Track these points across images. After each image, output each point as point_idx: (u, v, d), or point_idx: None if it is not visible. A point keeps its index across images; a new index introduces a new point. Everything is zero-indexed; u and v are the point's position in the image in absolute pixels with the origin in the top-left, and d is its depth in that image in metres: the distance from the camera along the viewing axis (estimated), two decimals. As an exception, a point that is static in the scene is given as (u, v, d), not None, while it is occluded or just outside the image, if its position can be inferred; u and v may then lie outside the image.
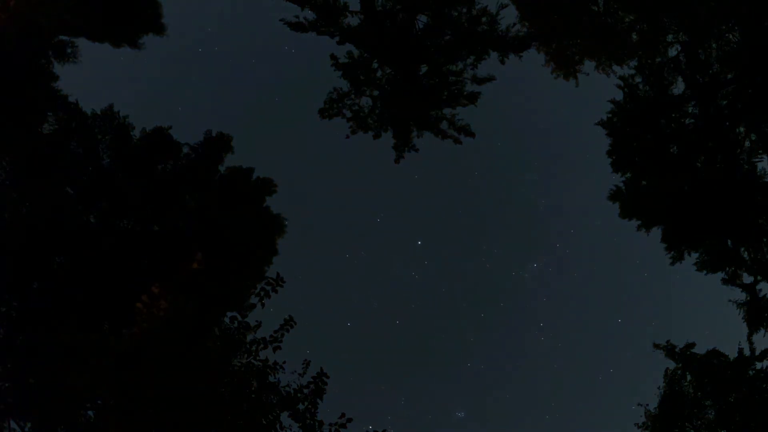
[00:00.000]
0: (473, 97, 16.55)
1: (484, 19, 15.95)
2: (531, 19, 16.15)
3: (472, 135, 16.80)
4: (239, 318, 10.60)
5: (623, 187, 16.40)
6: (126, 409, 9.55)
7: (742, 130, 15.42)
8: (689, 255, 16.36)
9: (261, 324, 10.70)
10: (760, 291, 15.64)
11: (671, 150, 15.71)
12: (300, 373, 10.71)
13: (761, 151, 15.31)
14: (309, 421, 10.47)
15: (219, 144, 16.90)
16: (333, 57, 16.17)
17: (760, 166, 15.36)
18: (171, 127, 16.58)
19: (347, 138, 16.81)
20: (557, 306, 30.37)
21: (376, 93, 16.76)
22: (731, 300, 15.84)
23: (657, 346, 15.90)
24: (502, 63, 16.27)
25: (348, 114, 16.70)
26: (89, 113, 16.00)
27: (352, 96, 16.65)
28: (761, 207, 15.26)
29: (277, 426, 10.40)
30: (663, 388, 15.54)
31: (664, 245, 16.50)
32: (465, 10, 15.89)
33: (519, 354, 30.10)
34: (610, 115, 16.08)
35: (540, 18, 16.00)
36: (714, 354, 15.45)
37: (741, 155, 15.45)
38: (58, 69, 16.42)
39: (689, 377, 15.45)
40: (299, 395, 10.53)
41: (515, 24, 16.09)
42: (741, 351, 15.19)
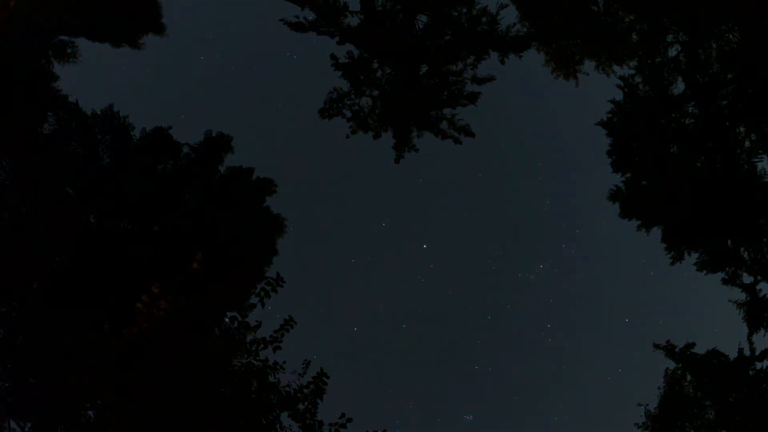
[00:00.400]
0: (473, 97, 16.56)
1: (484, 19, 15.95)
2: (531, 19, 16.16)
3: (472, 135, 16.81)
4: (239, 318, 10.61)
5: (623, 187, 16.40)
6: (126, 409, 9.55)
7: (742, 130, 15.42)
8: (689, 255, 16.36)
9: (261, 324, 10.71)
10: (760, 291, 15.64)
11: (671, 150, 15.70)
12: (300, 373, 10.72)
13: (761, 151, 15.30)
14: (309, 421, 10.48)
15: (219, 144, 16.91)
16: (333, 57, 16.18)
17: (760, 166, 15.36)
18: (171, 127, 16.60)
19: (347, 138, 16.85)
20: (564, 307, 30.36)
21: (376, 93, 16.77)
22: (731, 300, 15.86)
23: (657, 346, 15.90)
24: (502, 63, 16.28)
25: (348, 114, 16.71)
26: (89, 113, 16.00)
27: (352, 96, 16.66)
28: (761, 207, 15.26)
29: (277, 426, 10.41)
30: (663, 388, 15.54)
31: (664, 245, 16.51)
32: (465, 10, 15.90)
33: (526, 356, 30.10)
34: (610, 115, 16.08)
35: (540, 18, 16.01)
36: (714, 354, 15.44)
37: (741, 155, 15.44)
38: (58, 69, 16.45)
39: (689, 377, 15.45)
40: (299, 395, 10.53)
41: (515, 24, 16.11)
42: (741, 351, 15.18)
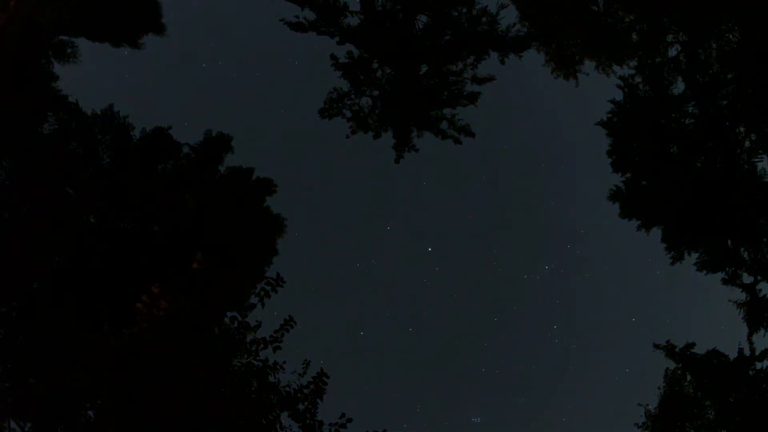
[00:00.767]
0: (473, 97, 16.57)
1: (484, 19, 15.96)
2: (531, 19, 16.16)
3: (472, 135, 16.82)
4: (239, 318, 10.60)
5: (623, 187, 16.40)
6: (126, 409, 9.55)
7: (742, 130, 15.42)
8: (689, 255, 16.36)
9: (261, 324, 10.71)
10: (760, 291, 15.64)
11: (671, 150, 15.70)
12: (300, 373, 10.71)
13: (761, 151, 15.31)
14: (309, 421, 10.48)
15: (219, 144, 16.90)
16: (333, 57, 16.20)
17: (760, 166, 15.36)
18: (171, 127, 16.58)
19: (347, 138, 16.86)
20: (570, 307, 30.25)
21: (376, 93, 16.79)
22: (731, 300, 15.86)
23: (657, 346, 15.90)
24: (502, 63, 16.30)
25: (348, 114, 16.73)
26: (89, 113, 15.99)
27: (352, 96, 16.67)
28: (761, 207, 15.26)
29: (277, 426, 10.40)
30: (663, 388, 15.53)
31: (664, 245, 16.51)
32: (465, 10, 15.91)
33: (533, 357, 29.98)
34: (610, 115, 16.08)
35: (540, 18, 16.01)
36: (714, 354, 15.44)
37: (741, 155, 15.44)
38: (58, 69, 16.44)
39: (689, 377, 15.45)
40: (299, 395, 10.53)
41: (515, 24, 16.13)
42: (741, 351, 15.18)
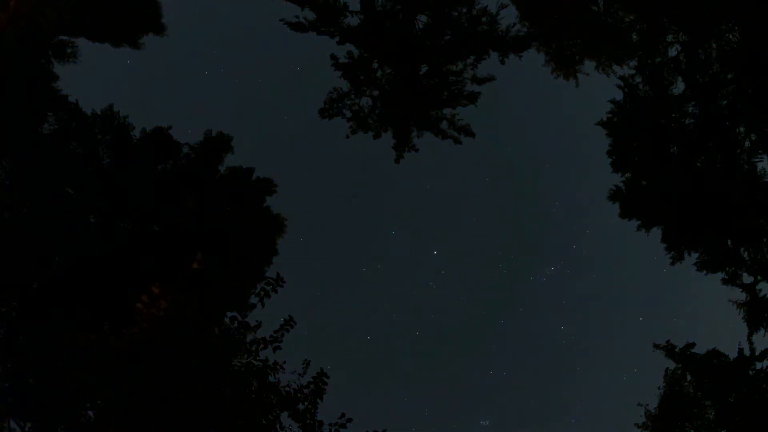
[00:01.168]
0: (473, 97, 16.57)
1: (484, 19, 15.96)
2: (531, 19, 16.16)
3: (472, 135, 16.82)
4: (239, 318, 10.59)
5: (623, 187, 16.40)
6: (126, 409, 9.55)
7: (742, 130, 15.42)
8: (689, 255, 16.36)
9: (261, 324, 10.70)
10: (760, 291, 15.64)
11: (671, 150, 15.71)
12: (300, 373, 10.71)
13: (761, 151, 15.30)
14: (309, 421, 10.47)
15: (219, 144, 16.91)
16: (333, 57, 16.19)
17: (760, 166, 15.36)
18: (171, 127, 16.60)
19: (347, 138, 16.86)
20: (577, 308, 30.28)
21: (376, 93, 16.78)
22: (731, 300, 15.86)
23: (657, 346, 15.91)
24: (502, 63, 16.29)
25: (348, 114, 16.73)
26: (89, 113, 16.00)
27: (352, 96, 16.67)
28: (761, 207, 15.26)
29: (277, 426, 10.39)
30: (663, 388, 15.54)
31: (664, 245, 16.51)
32: (465, 10, 15.91)
33: (541, 358, 29.97)
34: (610, 115, 16.08)
35: (540, 18, 16.01)
36: (714, 354, 15.45)
37: (741, 155, 15.44)
38: (58, 69, 16.45)
39: (689, 377, 15.45)
40: (299, 395, 10.52)
41: (515, 24, 16.12)
42: (741, 351, 15.19)
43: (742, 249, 15.80)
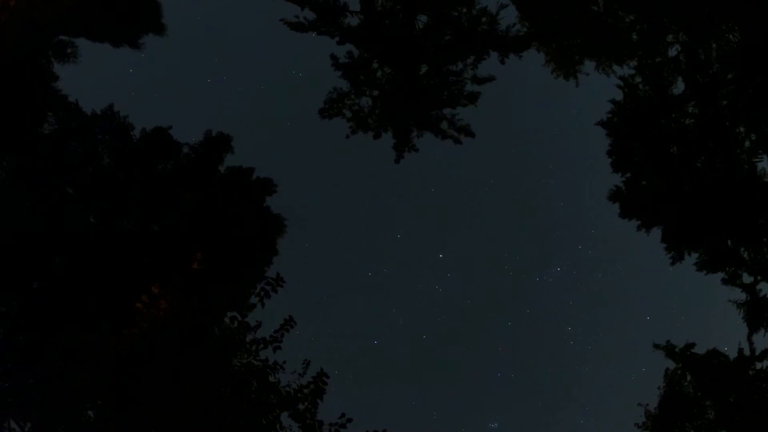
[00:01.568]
0: (473, 97, 16.57)
1: (484, 19, 15.97)
2: (531, 19, 16.18)
3: (472, 135, 16.82)
4: (239, 318, 10.58)
5: (623, 187, 16.40)
6: (126, 409, 9.55)
7: (742, 130, 15.43)
8: (689, 255, 16.36)
9: (261, 324, 10.70)
10: (760, 291, 15.65)
11: (671, 150, 15.71)
12: (300, 373, 10.70)
13: (761, 151, 15.31)
14: (309, 421, 10.47)
15: (219, 144, 16.89)
16: (333, 57, 16.20)
17: (760, 166, 15.37)
18: (171, 127, 16.56)
19: (347, 138, 16.88)
20: (584, 308, 30.18)
21: (376, 93, 16.79)
22: (731, 300, 15.86)
23: (657, 346, 15.91)
24: (502, 63, 16.30)
25: (348, 114, 16.73)
26: (89, 113, 15.98)
27: (352, 96, 16.68)
28: (761, 207, 15.26)
29: (277, 426, 10.39)
30: (663, 388, 15.53)
31: (664, 245, 16.51)
32: (465, 10, 15.92)
33: (549, 360, 29.90)
34: (610, 115, 16.09)
35: (540, 18, 16.03)
36: (714, 354, 15.45)
37: (741, 155, 15.44)
38: (58, 69, 16.43)
39: (689, 377, 15.45)
40: (299, 395, 10.52)
41: (515, 24, 16.14)
42: (741, 351, 15.19)
43: (742, 249, 15.80)
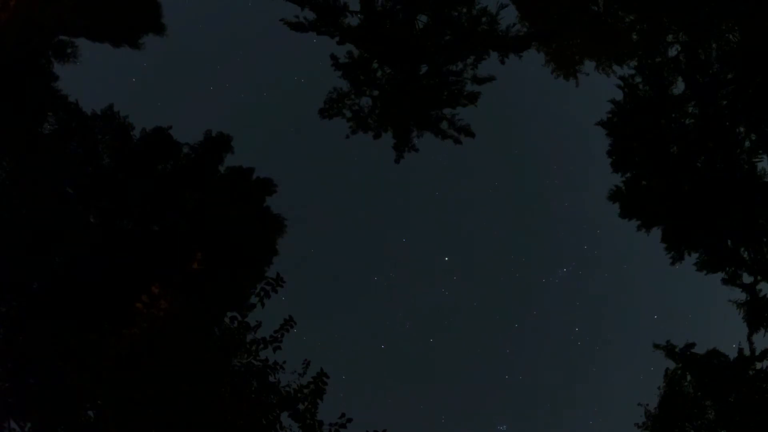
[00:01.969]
0: (473, 97, 16.58)
1: (484, 19, 15.98)
2: (531, 19, 16.18)
3: (471, 135, 16.83)
4: (239, 318, 10.58)
5: (623, 187, 16.41)
6: (126, 409, 9.55)
7: (742, 130, 15.43)
8: (689, 255, 16.37)
9: (261, 324, 10.70)
10: (760, 291, 15.65)
11: (671, 150, 15.71)
12: (300, 373, 10.70)
13: (761, 151, 15.32)
14: (309, 421, 10.47)
15: (219, 144, 16.90)
16: (333, 57, 16.21)
17: (760, 166, 15.38)
18: (171, 127, 16.57)
19: (347, 138, 16.89)
20: (591, 309, 30.12)
21: (376, 93, 16.80)
22: (731, 300, 15.87)
23: (657, 346, 15.91)
24: (502, 63, 16.31)
25: (348, 114, 16.75)
26: (89, 113, 15.99)
27: (352, 96, 16.69)
28: (761, 207, 15.27)
29: (277, 426, 10.39)
30: (663, 388, 15.54)
31: (664, 245, 16.52)
32: (465, 10, 15.93)
33: (557, 361, 29.82)
34: (610, 115, 16.10)
35: (540, 18, 16.03)
36: (714, 354, 15.45)
37: (741, 155, 15.45)
38: (58, 69, 16.44)
39: (689, 377, 15.46)
40: (299, 395, 10.52)
41: (515, 24, 16.15)
42: (741, 351, 15.20)
43: (742, 249, 15.81)
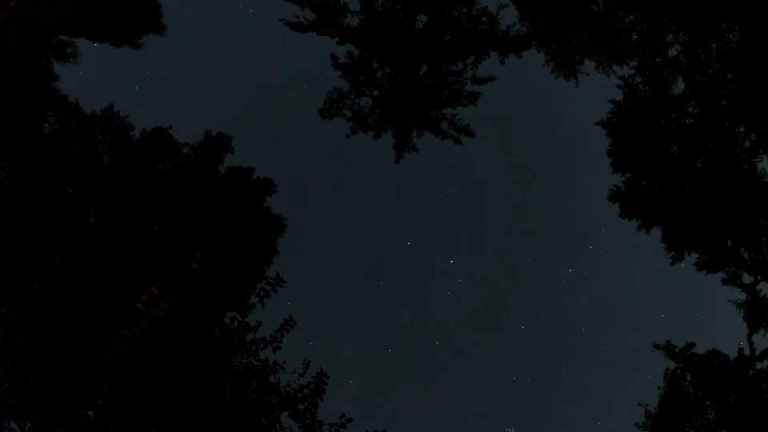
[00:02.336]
0: (473, 97, 16.58)
1: (484, 19, 15.97)
2: (531, 19, 16.18)
3: (471, 135, 16.84)
4: (239, 318, 10.58)
5: (623, 187, 16.41)
6: (126, 409, 9.55)
7: (742, 130, 15.44)
8: (689, 255, 16.37)
9: (261, 324, 10.69)
10: (760, 291, 15.65)
11: (671, 150, 15.72)
12: (300, 373, 10.70)
13: (761, 151, 15.32)
14: (309, 421, 10.47)
15: (219, 144, 16.90)
16: (333, 57, 16.21)
17: (760, 166, 15.39)
18: (171, 127, 16.57)
19: (347, 138, 16.90)
20: (597, 309, 29.89)
21: (376, 93, 16.80)
22: (731, 300, 15.87)
23: (657, 346, 15.91)
24: (502, 63, 16.31)
25: (348, 114, 16.75)
26: (89, 113, 15.99)
27: (352, 96, 16.69)
28: (761, 207, 15.27)
29: (277, 426, 10.39)
30: (663, 388, 15.54)
31: (664, 245, 16.52)
32: (465, 10, 15.93)
33: (564, 362, 29.63)
34: (610, 115, 16.10)
35: (540, 18, 16.03)
36: (714, 354, 15.46)
37: (741, 155, 15.46)
38: (58, 69, 16.44)
39: (689, 377, 15.46)
40: (299, 395, 10.52)
41: (515, 24, 16.15)
42: (741, 351, 15.20)
43: (742, 249, 15.81)
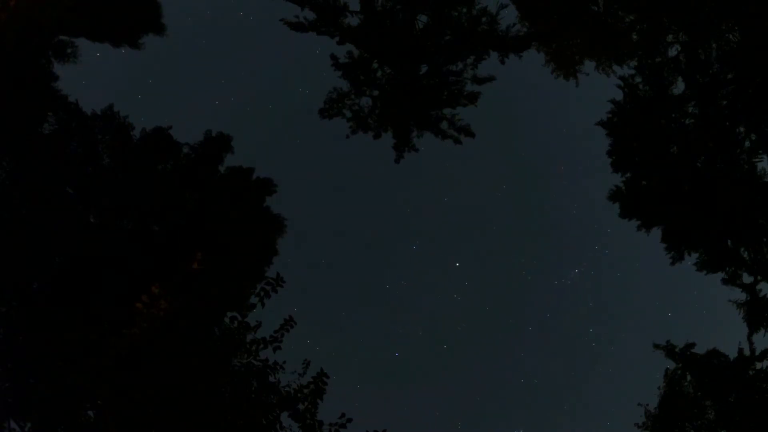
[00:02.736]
0: (473, 97, 16.59)
1: (484, 19, 15.98)
2: (531, 19, 16.19)
3: (471, 135, 16.85)
4: (239, 318, 10.58)
5: (623, 187, 16.41)
6: (126, 409, 9.55)
7: (742, 130, 15.43)
8: (689, 255, 16.37)
9: (261, 324, 10.70)
10: (760, 291, 15.65)
11: (671, 150, 15.72)
12: (300, 373, 10.71)
13: (761, 151, 15.32)
14: (309, 421, 10.47)
15: (219, 144, 16.90)
16: (333, 57, 16.21)
17: (760, 166, 15.38)
18: (171, 127, 16.56)
19: (347, 138, 16.91)
20: (605, 309, 29.80)
21: (376, 93, 16.80)
22: (731, 300, 15.86)
23: (657, 346, 15.91)
24: (502, 63, 16.32)
25: (348, 114, 16.75)
26: (89, 113, 15.99)
27: (352, 96, 16.69)
28: (761, 207, 15.26)
29: (277, 426, 10.39)
30: (663, 388, 15.54)
31: (664, 245, 16.52)
32: (465, 10, 15.93)
33: (571, 363, 29.54)
34: (610, 115, 16.09)
35: (540, 18, 16.03)
36: (714, 354, 15.46)
37: (741, 155, 15.45)
38: (58, 69, 16.43)
39: (689, 377, 15.46)
40: (299, 395, 10.53)
41: (515, 24, 16.16)
42: (741, 351, 15.20)
43: (742, 249, 15.81)
